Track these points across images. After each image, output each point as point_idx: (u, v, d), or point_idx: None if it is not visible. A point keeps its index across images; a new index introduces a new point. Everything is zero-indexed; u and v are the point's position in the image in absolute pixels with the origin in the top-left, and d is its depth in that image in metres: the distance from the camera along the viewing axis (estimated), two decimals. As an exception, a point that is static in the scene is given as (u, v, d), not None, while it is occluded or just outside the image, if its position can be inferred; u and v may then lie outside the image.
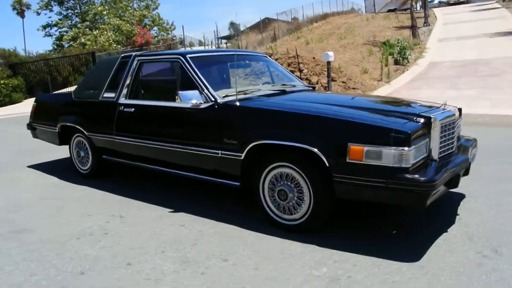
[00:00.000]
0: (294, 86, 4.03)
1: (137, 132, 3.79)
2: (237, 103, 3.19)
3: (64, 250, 2.85)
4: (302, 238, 2.85)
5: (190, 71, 3.51)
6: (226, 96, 3.34)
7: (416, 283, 2.27)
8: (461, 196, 3.52)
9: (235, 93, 3.35)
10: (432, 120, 2.72)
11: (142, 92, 3.99)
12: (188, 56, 3.63)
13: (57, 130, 4.67)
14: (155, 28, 34.28)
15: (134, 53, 4.12)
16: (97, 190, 4.16)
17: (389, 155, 2.47)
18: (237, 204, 3.60)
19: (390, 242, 2.78)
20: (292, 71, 12.17)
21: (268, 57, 4.61)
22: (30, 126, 5.23)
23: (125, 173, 4.71)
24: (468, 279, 2.28)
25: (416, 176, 2.45)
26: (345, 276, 2.36)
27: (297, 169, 2.84)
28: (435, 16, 26.89)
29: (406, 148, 2.45)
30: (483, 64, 13.18)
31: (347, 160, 2.58)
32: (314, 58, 13.48)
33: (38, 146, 6.50)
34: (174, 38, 35.37)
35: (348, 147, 2.57)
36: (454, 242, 2.72)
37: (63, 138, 4.77)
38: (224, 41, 26.79)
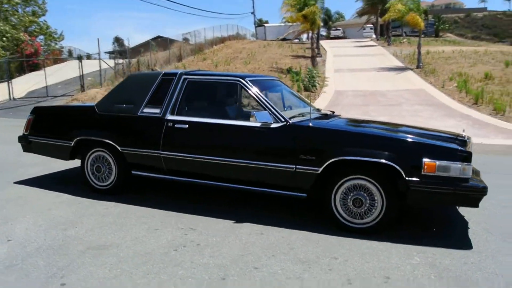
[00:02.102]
0: (319, 110, 4.62)
1: (193, 148, 3.94)
2: (310, 124, 3.67)
3: (177, 261, 2.95)
4: (372, 238, 3.41)
5: (253, 94, 3.88)
6: (293, 117, 3.79)
7: (486, 262, 3.02)
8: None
9: (297, 115, 3.85)
10: (467, 142, 3.58)
11: (194, 109, 4.15)
12: (247, 79, 3.97)
13: (71, 144, 4.47)
14: (41, 37, 31.45)
15: (179, 72, 4.26)
16: (133, 206, 4.13)
17: (456, 169, 3.22)
18: (288, 213, 4.00)
19: (439, 238, 3.50)
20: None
21: (281, 81, 5.11)
22: (24, 140, 4.83)
23: (145, 188, 4.71)
24: (516, 258, 3.11)
25: (475, 184, 3.24)
26: (437, 262, 3.01)
27: (372, 180, 3.42)
28: (324, 48, 30.00)
29: (468, 163, 3.23)
30: (381, 95, 15.41)
31: (422, 173, 3.26)
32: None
33: None
34: (62, 49, 32.95)
35: (423, 162, 3.25)
36: (482, 234, 3.55)
37: (74, 153, 4.57)
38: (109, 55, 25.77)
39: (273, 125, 3.70)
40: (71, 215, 3.86)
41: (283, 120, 3.71)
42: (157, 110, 4.15)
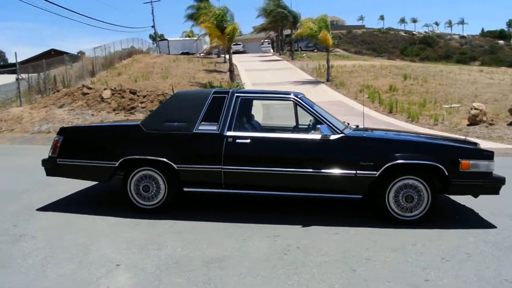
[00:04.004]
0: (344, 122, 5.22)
1: (256, 161, 4.25)
2: (364, 135, 4.28)
3: (299, 263, 3.31)
4: (420, 227, 4.10)
5: (309, 110, 4.38)
6: (344, 129, 4.36)
7: (514, 236, 3.93)
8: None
9: (344, 127, 4.43)
10: (478, 144, 4.53)
11: (250, 125, 4.45)
12: (299, 96, 4.45)
13: (115, 165, 4.40)
14: None
15: (230, 90, 4.52)
16: (192, 222, 4.25)
17: (484, 165, 4.10)
18: (332, 214, 4.53)
19: (465, 223, 4.32)
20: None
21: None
22: (51, 163, 4.57)
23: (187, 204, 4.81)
24: (531, 231, 4.08)
25: (497, 176, 4.16)
26: (486, 239, 3.81)
27: (420, 179, 4.13)
28: (233, 63, 30.99)
29: (492, 161, 4.14)
30: (307, 106, 16.71)
31: (460, 170, 4.07)
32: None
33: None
34: None
35: (460, 162, 4.07)
36: (490, 216, 4.45)
37: (114, 174, 4.51)
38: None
39: (332, 137, 4.22)
40: (146, 236, 3.88)
41: (339, 132, 4.25)
42: (214, 127, 4.35)
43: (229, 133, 4.33)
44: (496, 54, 53.35)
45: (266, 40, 47.50)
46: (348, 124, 5.33)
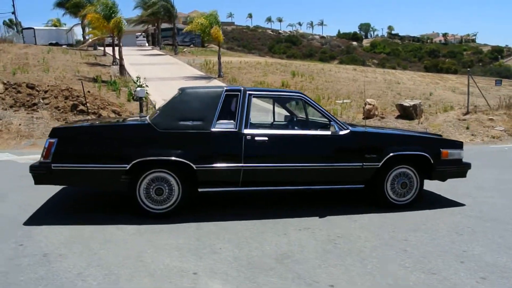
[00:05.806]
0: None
1: (275, 158, 4.37)
2: (367, 130, 4.75)
3: (366, 250, 3.58)
4: (413, 209, 4.76)
5: (316, 107, 4.66)
6: (350, 125, 4.77)
7: (484, 207, 4.86)
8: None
9: (345, 123, 4.85)
10: (441, 135, 5.40)
11: (264, 123, 4.51)
12: (304, 94, 4.69)
13: (126, 168, 4.05)
14: None
15: (242, 88, 4.51)
16: (215, 222, 4.18)
17: (457, 153, 4.96)
18: (338, 203, 4.94)
19: (437, 202, 5.14)
20: (76, 106, 11.60)
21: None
22: (44, 169, 3.96)
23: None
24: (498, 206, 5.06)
25: (466, 162, 5.05)
26: (468, 214, 4.63)
27: (411, 168, 4.78)
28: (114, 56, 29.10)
29: (462, 149, 5.01)
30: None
31: (441, 158, 4.83)
32: (89, 91, 13.00)
33: None
34: None
35: (441, 151, 4.83)
36: (453, 197, 5.39)
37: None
38: None
39: (341, 133, 4.57)
40: (185, 241, 3.71)
41: (345, 128, 4.63)
42: (231, 125, 4.32)
43: (246, 131, 4.35)
44: (352, 54, 60.53)
45: (141, 34, 45.64)
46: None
